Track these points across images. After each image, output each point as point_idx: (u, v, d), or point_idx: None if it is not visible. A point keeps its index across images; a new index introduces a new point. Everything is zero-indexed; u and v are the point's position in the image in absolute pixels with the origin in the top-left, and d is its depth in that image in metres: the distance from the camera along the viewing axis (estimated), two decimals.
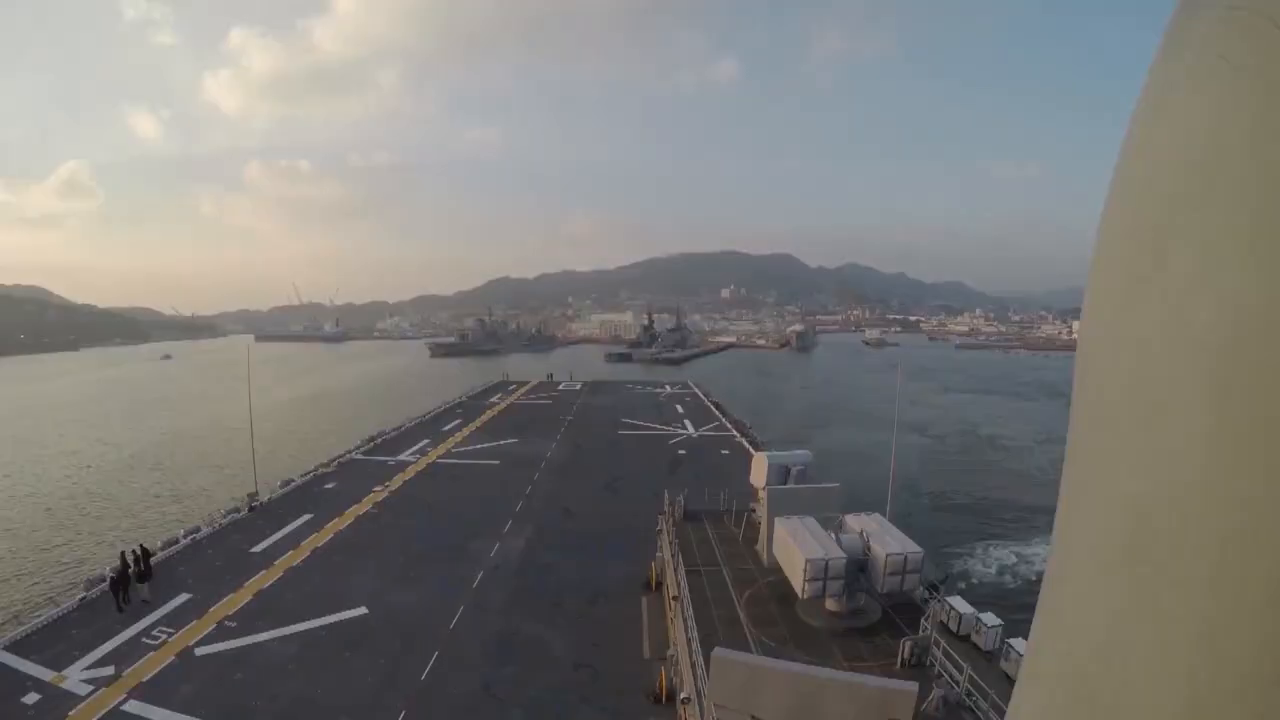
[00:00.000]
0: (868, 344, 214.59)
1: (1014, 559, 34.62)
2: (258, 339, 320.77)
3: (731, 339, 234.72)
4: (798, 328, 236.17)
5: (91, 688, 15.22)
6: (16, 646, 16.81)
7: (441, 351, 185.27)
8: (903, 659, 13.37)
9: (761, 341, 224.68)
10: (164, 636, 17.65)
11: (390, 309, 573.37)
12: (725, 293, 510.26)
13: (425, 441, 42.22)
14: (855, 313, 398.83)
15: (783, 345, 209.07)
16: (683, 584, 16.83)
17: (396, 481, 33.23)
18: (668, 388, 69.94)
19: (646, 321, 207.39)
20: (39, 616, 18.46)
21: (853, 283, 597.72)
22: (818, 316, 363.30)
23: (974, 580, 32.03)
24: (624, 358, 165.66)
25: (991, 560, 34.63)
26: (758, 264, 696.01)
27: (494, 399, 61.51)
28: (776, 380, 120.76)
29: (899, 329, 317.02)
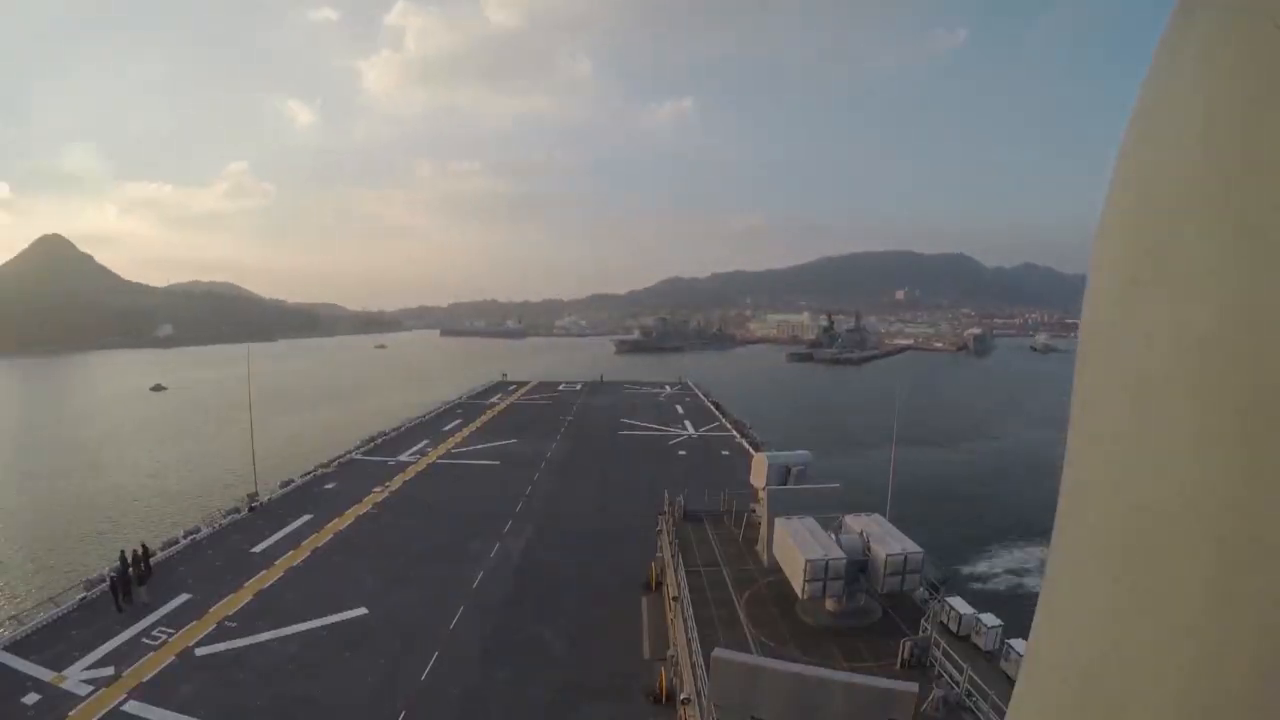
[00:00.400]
0: (1035, 349, 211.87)
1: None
2: (442, 334, 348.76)
3: (908, 341, 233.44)
4: (975, 331, 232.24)
5: (91, 688, 15.21)
6: (16, 646, 16.81)
7: (627, 348, 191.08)
8: (903, 659, 13.37)
9: (939, 344, 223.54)
10: (164, 636, 17.65)
11: (565, 307, 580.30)
12: (899, 294, 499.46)
13: (425, 442, 42.22)
14: (1033, 315, 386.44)
15: (960, 349, 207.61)
16: (683, 584, 16.82)
17: (396, 482, 33.23)
18: (667, 388, 69.88)
19: (826, 323, 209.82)
20: (39, 616, 18.46)
21: (1030, 284, 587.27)
22: (994, 319, 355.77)
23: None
24: (805, 357, 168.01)
25: None
26: (930, 264, 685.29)
27: (494, 399, 61.51)
28: (953, 385, 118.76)
29: (1077, 333, 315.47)
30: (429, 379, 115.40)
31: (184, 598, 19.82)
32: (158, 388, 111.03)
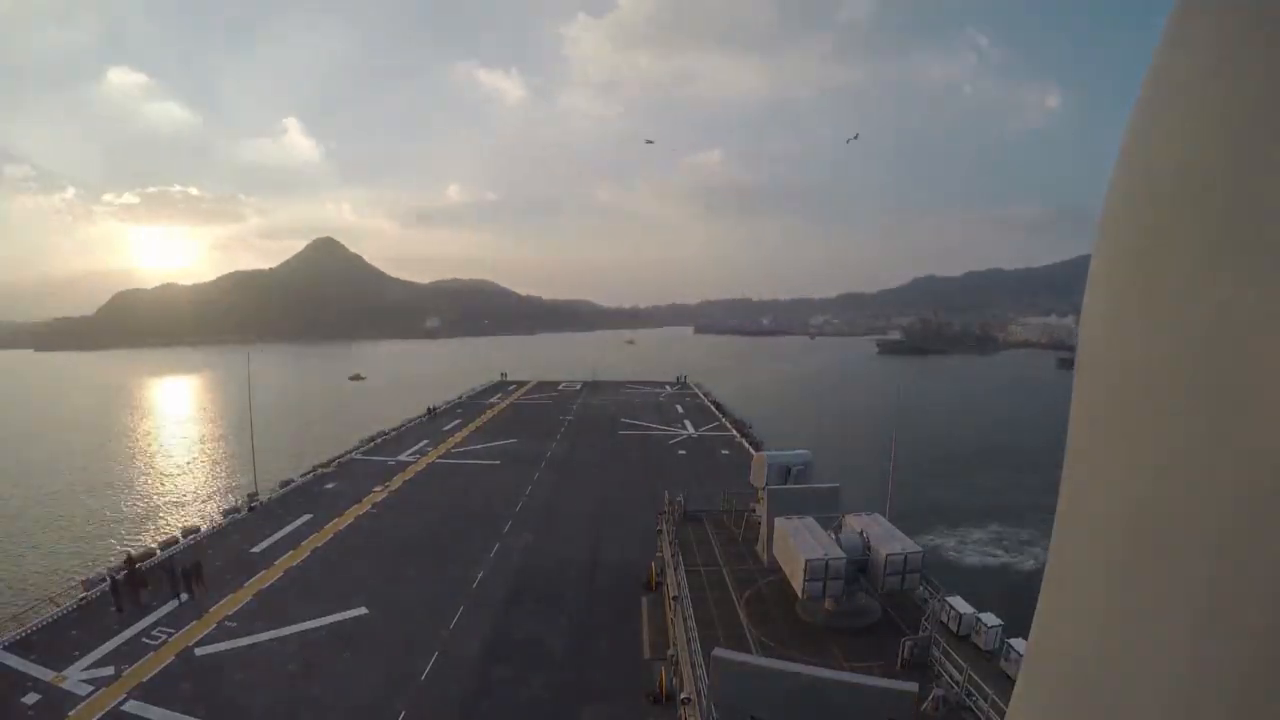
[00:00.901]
0: None
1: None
2: (696, 330, 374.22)
3: None
4: None
5: (91, 688, 15.21)
6: (16, 646, 16.80)
7: (888, 349, 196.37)
8: (903, 659, 13.37)
9: None
10: (164, 636, 17.65)
11: (815, 306, 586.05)
12: None
13: (425, 442, 42.22)
14: None
15: None
16: (683, 584, 16.83)
17: (396, 481, 33.23)
18: (667, 388, 69.89)
19: None
20: (39, 616, 18.45)
21: None
22: None
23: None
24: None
25: None
26: None
27: (494, 399, 61.52)
28: None
29: None
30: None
31: (184, 597, 19.81)
32: (356, 377, 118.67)
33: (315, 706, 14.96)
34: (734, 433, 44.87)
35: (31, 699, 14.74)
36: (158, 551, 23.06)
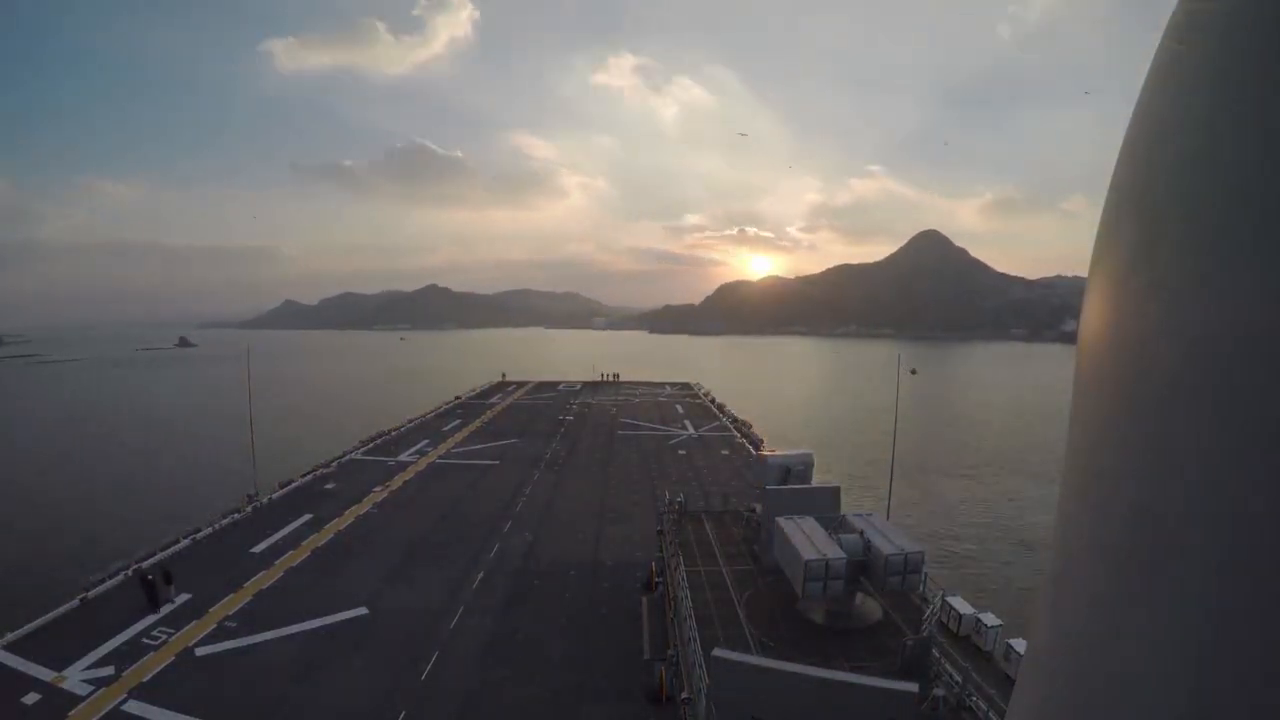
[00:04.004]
0: None
1: None
2: None
3: None
4: None
5: (91, 688, 15.22)
6: (16, 646, 16.80)
7: None
8: (903, 659, 13.36)
9: None
10: (164, 636, 17.65)
11: None
12: None
13: (425, 442, 42.23)
14: None
15: None
16: (683, 584, 16.83)
17: (397, 482, 33.23)
18: (667, 388, 69.90)
19: None
20: (39, 617, 18.44)
21: None
22: None
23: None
24: None
25: None
26: None
27: (494, 399, 61.52)
28: None
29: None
30: None
31: (184, 598, 19.82)
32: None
33: (315, 706, 14.96)
34: (734, 433, 44.88)
35: (31, 699, 14.75)
36: (158, 551, 22.98)
